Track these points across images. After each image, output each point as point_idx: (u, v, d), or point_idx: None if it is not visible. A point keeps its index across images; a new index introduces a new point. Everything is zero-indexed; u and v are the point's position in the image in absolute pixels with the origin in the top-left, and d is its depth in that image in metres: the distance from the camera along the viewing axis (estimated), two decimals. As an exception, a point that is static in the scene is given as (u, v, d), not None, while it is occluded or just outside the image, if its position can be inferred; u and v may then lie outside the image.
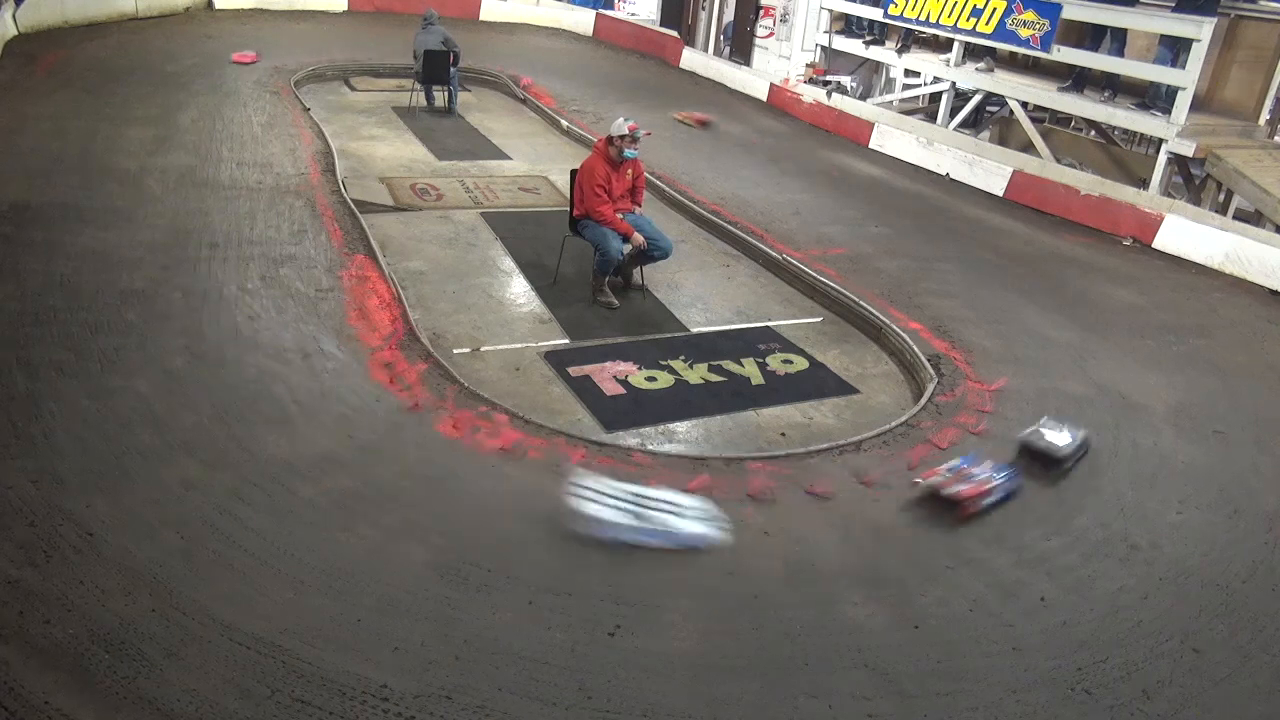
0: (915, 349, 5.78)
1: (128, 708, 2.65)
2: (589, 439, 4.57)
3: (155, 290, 5.38)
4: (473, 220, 7.70)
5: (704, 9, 15.13)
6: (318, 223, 6.85)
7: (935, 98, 11.58)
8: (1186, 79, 8.57)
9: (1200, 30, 8.38)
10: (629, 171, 6.30)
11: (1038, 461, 4.48)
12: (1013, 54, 10.79)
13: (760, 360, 5.72)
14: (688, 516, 3.78)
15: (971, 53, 10.82)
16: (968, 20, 10.38)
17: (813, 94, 12.26)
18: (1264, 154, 8.62)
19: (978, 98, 10.94)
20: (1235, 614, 3.61)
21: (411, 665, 2.94)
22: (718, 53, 14.84)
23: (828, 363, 5.81)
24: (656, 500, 3.83)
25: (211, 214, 6.69)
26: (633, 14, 16.94)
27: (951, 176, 10.05)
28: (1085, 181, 9.22)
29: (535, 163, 9.60)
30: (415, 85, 11.23)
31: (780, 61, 13.39)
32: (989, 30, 10.17)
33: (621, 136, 6.07)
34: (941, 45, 11.57)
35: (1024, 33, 9.82)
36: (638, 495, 3.82)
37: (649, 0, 16.79)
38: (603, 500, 3.74)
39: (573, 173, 6.41)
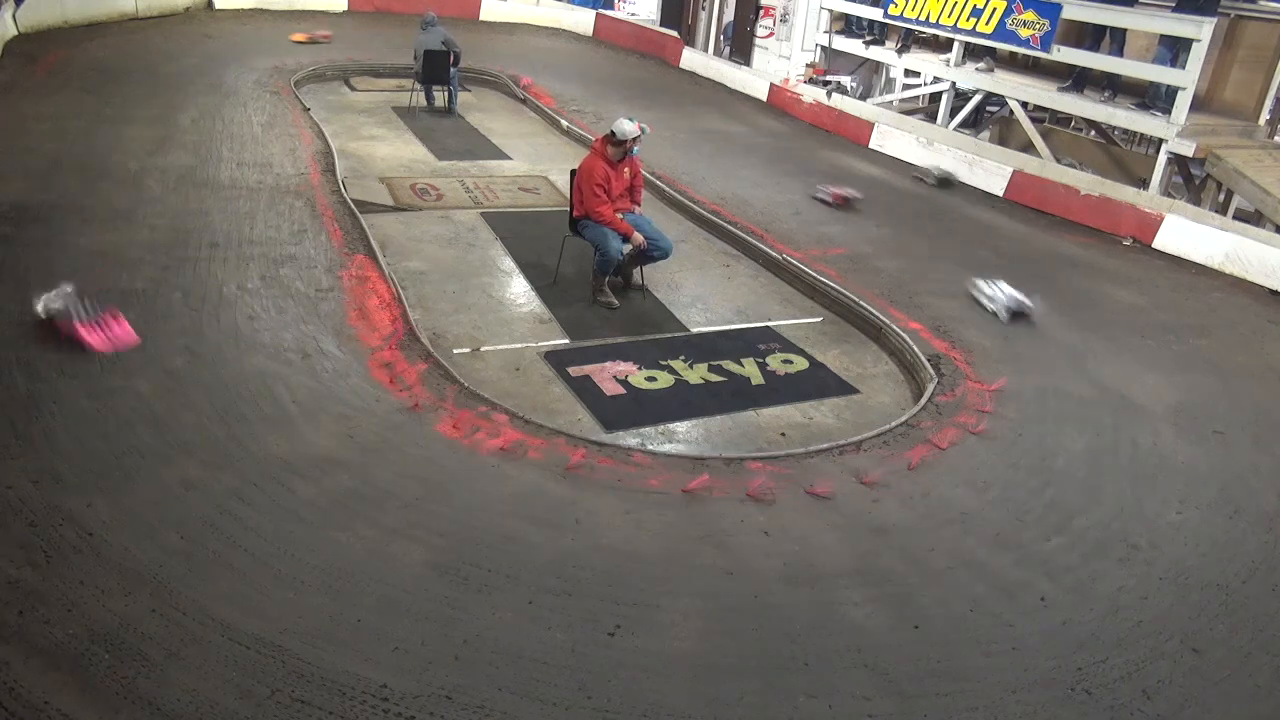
0: (915, 349, 5.78)
1: (128, 708, 2.65)
2: (589, 439, 4.57)
3: (155, 290, 5.38)
4: (473, 220, 7.71)
5: (704, 9, 15.13)
6: (318, 223, 6.85)
7: (935, 98, 11.57)
8: (1186, 79, 8.56)
9: (1200, 30, 8.38)
10: (626, 170, 6.30)
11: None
12: (1013, 54, 10.79)
13: (760, 360, 5.72)
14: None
15: (971, 53, 10.82)
16: (968, 20, 10.38)
17: (813, 94, 12.26)
18: (1264, 154, 8.62)
19: (978, 98, 10.94)
20: (1235, 614, 3.61)
21: (411, 665, 2.94)
22: (718, 53, 14.85)
23: (828, 363, 5.81)
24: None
25: (211, 214, 6.69)
26: (633, 14, 16.95)
27: (948, 178, 10.04)
28: (1085, 181, 9.22)
29: (535, 163, 9.60)
30: (415, 85, 11.24)
31: (780, 61, 13.39)
32: (989, 30, 10.18)
33: (635, 139, 6.07)
34: (941, 45, 11.57)
35: (1024, 33, 9.83)
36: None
37: (649, 0, 16.80)
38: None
39: (573, 173, 6.41)
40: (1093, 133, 10.71)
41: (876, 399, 5.47)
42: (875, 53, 12.06)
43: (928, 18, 10.89)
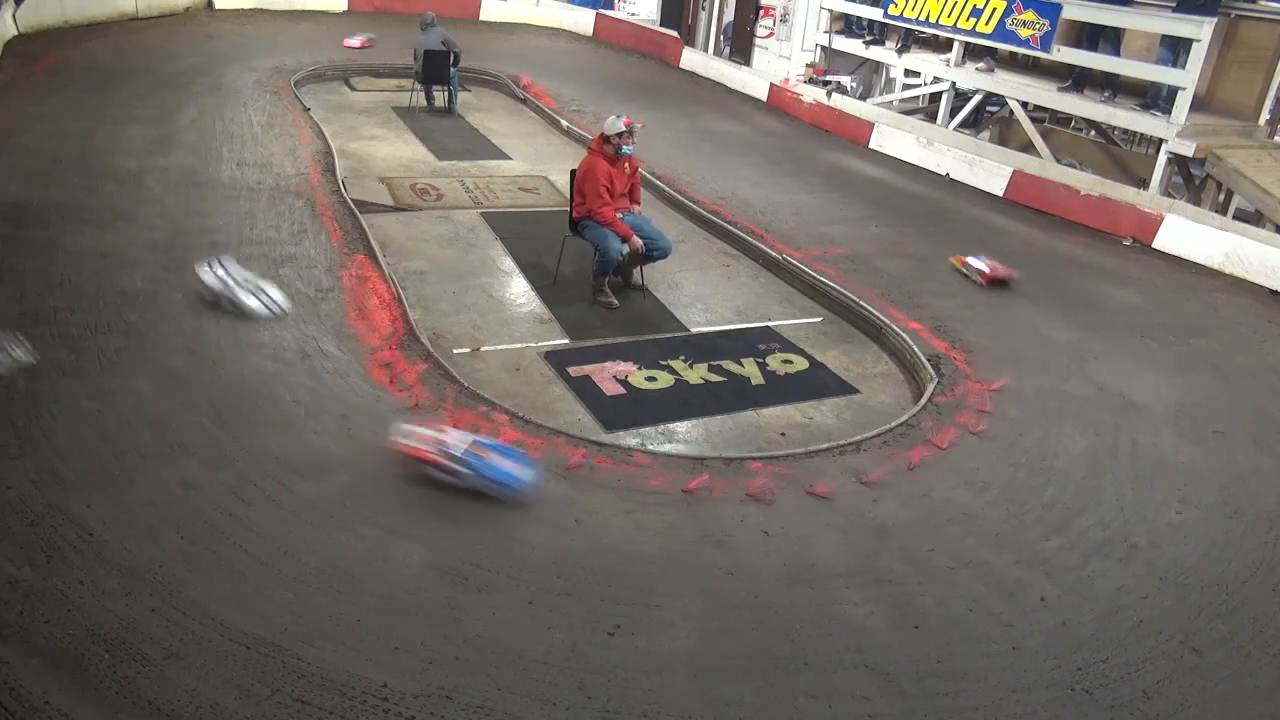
0: (915, 349, 5.78)
1: (128, 708, 2.65)
2: (589, 439, 4.57)
3: (155, 290, 5.38)
4: (473, 220, 7.71)
5: (704, 9, 15.13)
6: (318, 223, 6.85)
7: (935, 98, 11.57)
8: (1186, 79, 8.57)
9: (1200, 30, 8.38)
10: (626, 167, 6.30)
11: None
12: (1013, 54, 10.79)
13: (760, 360, 5.72)
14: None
15: (971, 53, 10.82)
16: (968, 20, 10.38)
17: (813, 94, 12.26)
18: (1264, 154, 8.62)
19: (978, 98, 10.94)
20: (1235, 614, 3.61)
21: (411, 665, 2.94)
22: (718, 53, 14.85)
23: (828, 363, 5.81)
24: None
25: (211, 214, 6.69)
26: (633, 14, 16.95)
27: (951, 176, 10.05)
28: (1085, 181, 9.22)
29: (535, 163, 9.61)
30: (415, 85, 11.24)
31: (780, 61, 13.39)
32: (989, 30, 10.17)
33: (619, 134, 6.06)
34: (941, 45, 11.57)
35: (1024, 33, 9.82)
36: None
37: (649, 0, 16.80)
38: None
39: (573, 173, 6.41)
40: (1093, 133, 10.71)
41: (876, 399, 5.47)
42: (875, 53, 12.06)
43: (928, 18, 10.88)
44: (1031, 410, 5.14)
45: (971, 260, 7.07)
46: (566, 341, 5.75)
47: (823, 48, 12.73)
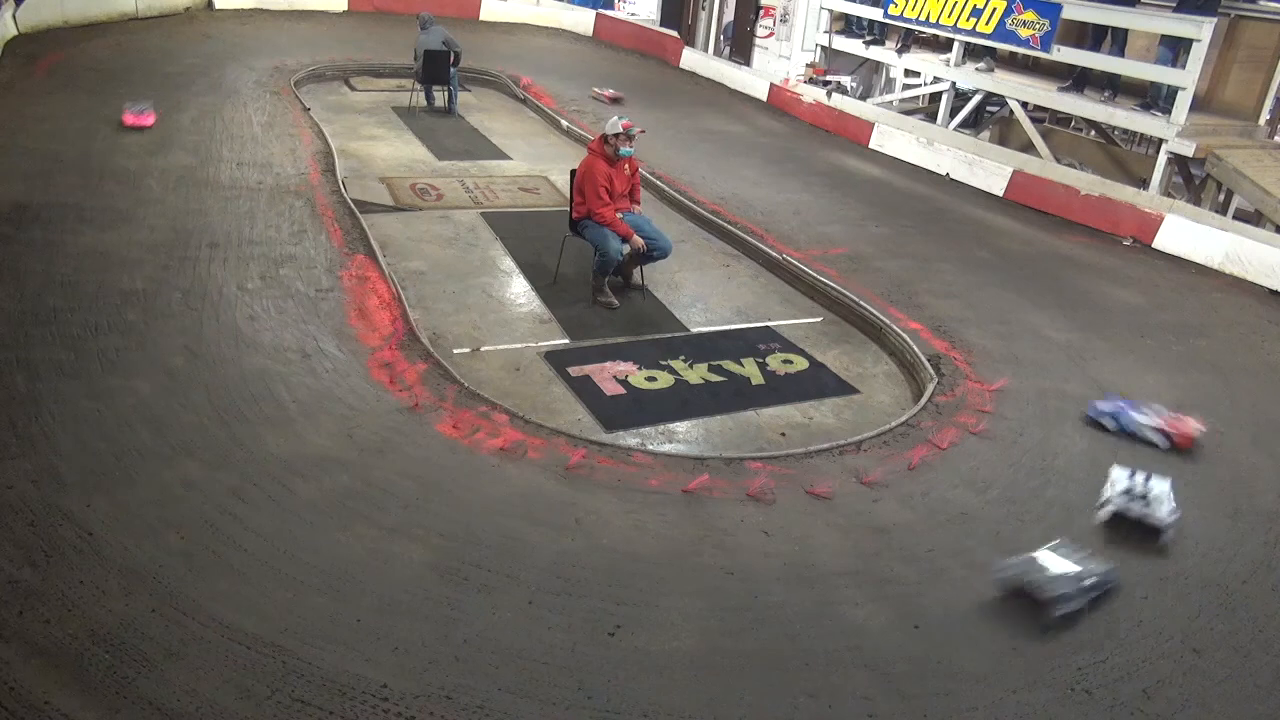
0: (915, 349, 5.78)
1: (128, 708, 2.65)
2: (589, 439, 4.57)
3: (155, 290, 5.38)
4: (473, 220, 7.70)
5: (704, 9, 15.13)
6: (318, 223, 6.85)
7: (935, 98, 11.57)
8: (1186, 79, 8.57)
9: (1200, 30, 8.38)
10: (626, 168, 6.31)
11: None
12: (1013, 54, 10.80)
13: (760, 360, 5.72)
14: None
15: (971, 53, 10.82)
16: (968, 20, 10.38)
17: (813, 94, 12.26)
18: (1264, 154, 8.62)
19: (978, 98, 10.94)
20: (1235, 614, 3.61)
21: (411, 665, 2.94)
22: (718, 53, 14.84)
23: (828, 363, 5.81)
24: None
25: (211, 214, 6.69)
26: (633, 14, 16.95)
27: (951, 176, 10.05)
28: (1085, 181, 9.22)
29: (535, 163, 9.61)
30: (415, 85, 11.24)
31: (780, 61, 13.39)
32: (989, 30, 10.18)
33: (616, 135, 6.07)
34: (941, 45, 11.57)
35: (1024, 33, 9.83)
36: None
37: (649, 0, 16.79)
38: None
39: (572, 173, 6.41)
40: (1093, 133, 10.71)
41: (876, 399, 5.47)
42: (875, 53, 12.06)
43: (928, 18, 10.88)
44: (1031, 410, 5.14)
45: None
46: (566, 341, 5.75)
47: (823, 48, 12.73)
